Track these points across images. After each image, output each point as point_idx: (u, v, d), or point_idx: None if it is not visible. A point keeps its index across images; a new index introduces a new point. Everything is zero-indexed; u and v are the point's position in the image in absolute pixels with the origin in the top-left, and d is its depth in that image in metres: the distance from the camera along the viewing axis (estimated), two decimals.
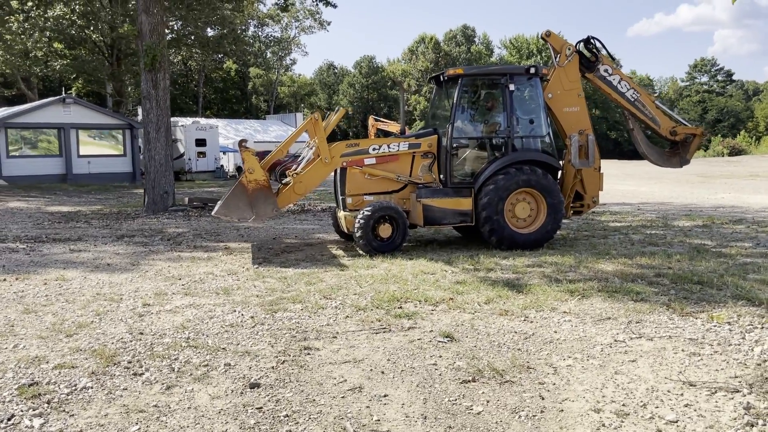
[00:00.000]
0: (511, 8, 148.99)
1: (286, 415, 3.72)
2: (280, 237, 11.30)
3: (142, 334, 5.27)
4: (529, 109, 10.00)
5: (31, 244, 10.41)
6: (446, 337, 5.17)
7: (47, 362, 4.55)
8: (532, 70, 9.72)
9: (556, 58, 10.28)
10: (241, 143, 9.74)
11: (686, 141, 10.86)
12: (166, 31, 24.74)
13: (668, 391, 4.04)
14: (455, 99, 9.48)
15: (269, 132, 49.40)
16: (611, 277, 7.37)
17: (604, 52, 10.67)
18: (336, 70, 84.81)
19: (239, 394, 4.03)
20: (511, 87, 9.48)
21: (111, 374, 4.33)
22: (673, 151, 11.08)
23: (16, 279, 7.52)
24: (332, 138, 10.33)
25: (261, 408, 3.82)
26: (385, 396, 4.02)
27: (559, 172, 10.07)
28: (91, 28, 31.35)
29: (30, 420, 3.61)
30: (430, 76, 10.86)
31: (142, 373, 4.36)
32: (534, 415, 3.74)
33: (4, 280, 7.46)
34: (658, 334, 5.21)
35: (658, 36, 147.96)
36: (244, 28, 43.90)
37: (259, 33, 64.88)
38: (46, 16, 29.44)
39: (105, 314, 5.91)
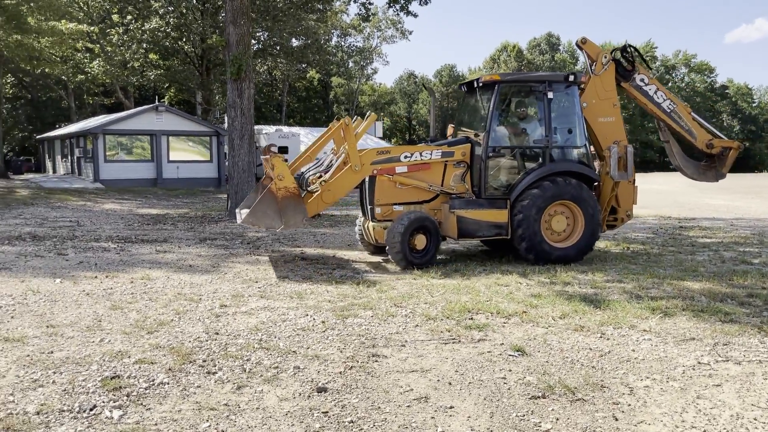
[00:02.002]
0: (598, 15, 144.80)
1: (351, 421, 3.73)
2: (354, 244, 11.41)
3: (217, 334, 5.44)
4: (566, 119, 9.62)
5: (121, 244, 10.99)
6: (517, 350, 5.04)
7: (129, 357, 4.77)
8: (571, 78, 9.38)
9: (591, 66, 9.91)
10: (269, 148, 9.35)
11: (722, 154, 10.44)
12: (252, 41, 25.65)
13: (755, 419, 3.77)
14: (491, 106, 9.06)
15: None
16: (698, 295, 6.98)
17: (640, 60, 10.27)
18: (416, 80, 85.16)
19: (306, 398, 4.08)
20: (550, 95, 9.11)
21: (186, 372, 4.49)
22: (709, 165, 10.67)
23: (106, 277, 7.95)
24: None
25: (327, 412, 3.85)
26: (451, 407, 3.96)
27: (594, 185, 9.61)
28: (184, 40, 32.93)
29: (110, 411, 3.79)
30: (460, 82, 10.52)
31: (215, 372, 4.49)
32: None
33: (96, 277, 7.90)
34: (747, 358, 4.88)
35: (759, 42, 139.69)
36: (327, 38, 44.89)
37: (342, 43, 66.09)
38: (143, 28, 31.21)
39: (184, 313, 6.14)
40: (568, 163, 9.36)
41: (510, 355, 4.95)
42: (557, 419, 3.79)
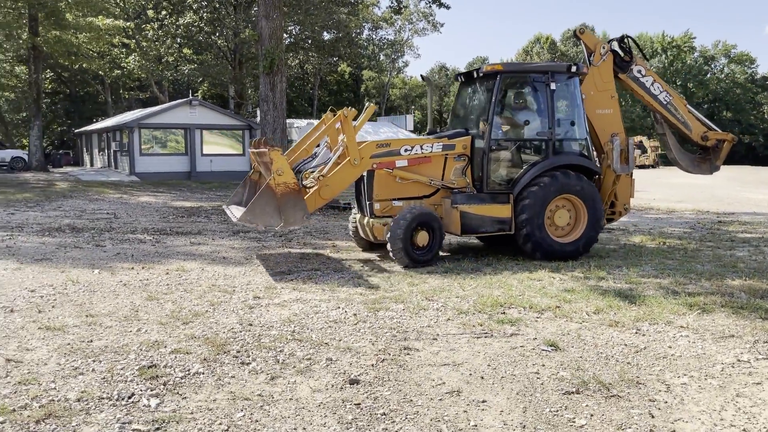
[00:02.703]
0: (634, 6, 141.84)
1: (383, 413, 3.74)
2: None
3: (251, 325, 5.51)
4: (569, 110, 9.35)
5: (156, 236, 11.18)
6: (550, 345, 5.00)
7: (165, 347, 4.86)
8: (573, 69, 9.11)
9: (589, 57, 9.69)
10: (266, 141, 8.75)
11: (717, 147, 10.35)
12: (285, 35, 25.79)
13: None
14: (494, 97, 8.74)
15: (380, 133, 49.99)
16: (737, 291, 6.82)
17: (637, 51, 10.04)
18: (448, 72, 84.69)
19: (339, 389, 4.10)
20: (552, 86, 8.85)
21: (221, 362, 4.56)
22: (704, 157, 10.59)
23: (143, 268, 8.10)
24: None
25: (359, 404, 3.87)
26: (483, 402, 3.94)
27: (594, 178, 9.39)
28: (217, 34, 33.30)
29: (148, 399, 3.87)
30: (457, 73, 10.16)
31: (249, 363, 4.55)
32: None
33: (132, 268, 8.06)
34: None
35: None
36: (358, 31, 44.93)
37: (373, 36, 66.04)
38: (177, 23, 31.64)
39: (218, 305, 6.23)
40: (571, 156, 9.13)
41: (543, 350, 4.90)
42: (592, 415, 3.75)
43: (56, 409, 3.67)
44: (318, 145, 9.29)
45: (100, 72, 39.82)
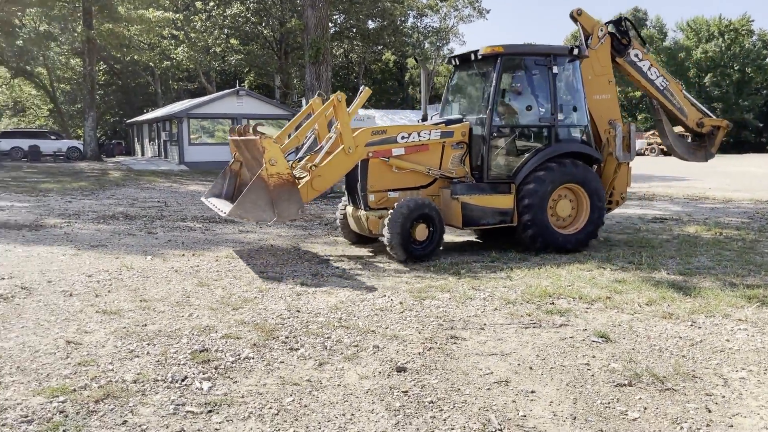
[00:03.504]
0: None
1: (431, 402, 3.74)
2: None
3: (299, 311, 5.57)
4: (571, 95, 8.91)
5: (206, 224, 11.41)
6: (601, 337, 4.90)
7: (216, 332, 4.96)
8: (575, 51, 8.67)
9: (587, 40, 9.25)
10: (255, 128, 8.01)
11: (712, 134, 9.97)
12: (330, 24, 25.85)
13: None
14: (494, 81, 8.24)
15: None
16: None
17: (635, 35, 9.60)
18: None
19: (386, 376, 4.11)
20: (555, 69, 8.44)
21: (270, 347, 4.63)
22: (699, 144, 10.22)
23: (193, 255, 8.28)
24: None
25: (407, 392, 3.87)
26: (532, 392, 3.90)
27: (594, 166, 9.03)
28: (263, 24, 33.65)
29: (200, 383, 3.96)
30: (450, 56, 9.45)
31: (298, 349, 4.61)
32: (698, 429, 3.43)
33: (183, 255, 8.25)
34: None
35: None
36: (403, 19, 44.65)
37: (418, 24, 65.63)
38: (224, 14, 32.08)
39: (267, 291, 6.32)
40: (573, 143, 8.74)
41: (593, 342, 4.81)
42: (645, 408, 3.66)
43: (114, 390, 3.79)
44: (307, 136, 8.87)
45: (151, 63, 40.79)
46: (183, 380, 3.99)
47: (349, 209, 8.85)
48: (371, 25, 37.96)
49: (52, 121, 55.76)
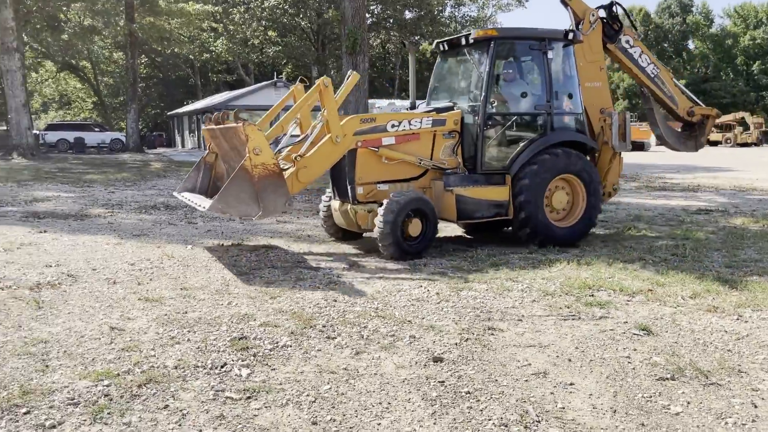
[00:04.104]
0: None
1: (468, 392, 3.72)
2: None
3: (335, 301, 5.61)
4: (566, 82, 8.46)
5: None
6: (642, 330, 4.80)
7: (254, 320, 5.03)
8: (570, 36, 8.21)
9: (578, 25, 8.84)
10: (236, 115, 7.45)
11: (702, 123, 9.63)
12: (367, 15, 25.81)
13: None
14: (487, 67, 7.83)
15: None
16: None
17: (626, 20, 9.18)
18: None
19: (423, 366, 4.11)
20: (550, 54, 8.03)
21: (307, 336, 4.67)
22: (689, 134, 9.86)
23: (232, 245, 8.40)
24: None
25: (443, 382, 3.86)
26: (571, 384, 3.84)
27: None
28: (301, 16, 33.81)
29: (239, 369, 4.02)
30: (438, 41, 8.94)
31: (335, 338, 4.64)
32: (744, 424, 3.33)
33: (222, 245, 8.38)
34: None
35: None
36: (440, 9, 44.34)
37: (456, 13, 65.05)
38: (262, 6, 32.33)
39: (304, 280, 6.37)
40: (569, 132, 8.36)
41: (634, 334, 4.72)
42: (688, 403, 3.58)
43: (156, 375, 3.87)
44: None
45: (190, 56, 41.44)
46: (222, 367, 4.05)
47: (335, 203, 8.33)
48: (408, 15, 37.79)
49: (96, 113, 57.22)
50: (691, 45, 74.51)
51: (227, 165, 8.08)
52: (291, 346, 4.44)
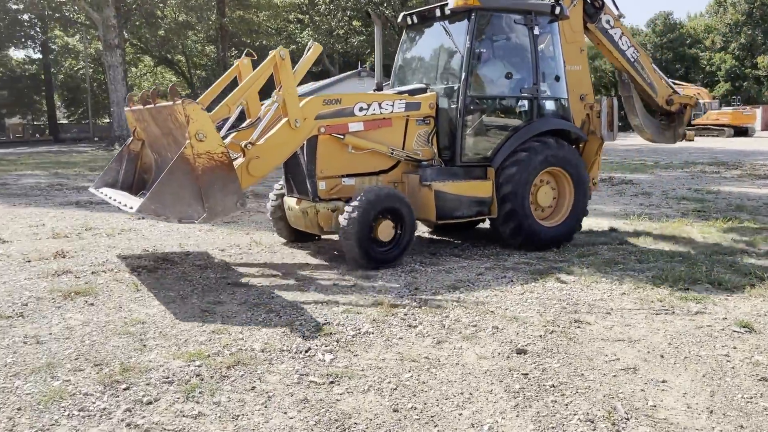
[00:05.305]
0: None
1: (552, 386, 3.62)
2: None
3: (417, 289, 5.60)
4: (552, 63, 7.52)
5: None
6: (743, 327, 4.51)
7: (338, 306, 5.11)
8: (557, 11, 7.33)
9: (557, 1, 7.78)
10: (173, 91, 5.87)
11: (681, 112, 8.73)
12: None
13: None
14: (468, 42, 6.84)
15: None
16: None
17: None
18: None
19: (506, 358, 4.04)
20: (536, 30, 7.13)
21: (389, 323, 4.69)
22: (667, 124, 8.91)
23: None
24: None
25: (527, 374, 3.78)
26: (663, 381, 3.67)
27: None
28: (384, 5, 33.85)
29: (322, 354, 4.10)
30: (406, 13, 7.89)
31: (416, 326, 4.64)
32: None
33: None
34: None
35: None
36: None
37: None
38: None
39: (385, 269, 6.40)
40: (557, 120, 7.46)
41: (734, 332, 4.44)
42: None
43: (244, 357, 4.01)
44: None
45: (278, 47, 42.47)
46: (306, 351, 4.14)
47: (289, 200, 7.19)
48: None
49: None
50: None
51: (157, 155, 6.89)
52: (373, 333, 4.48)
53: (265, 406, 3.39)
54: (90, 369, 3.82)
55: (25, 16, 44.31)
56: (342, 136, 6.60)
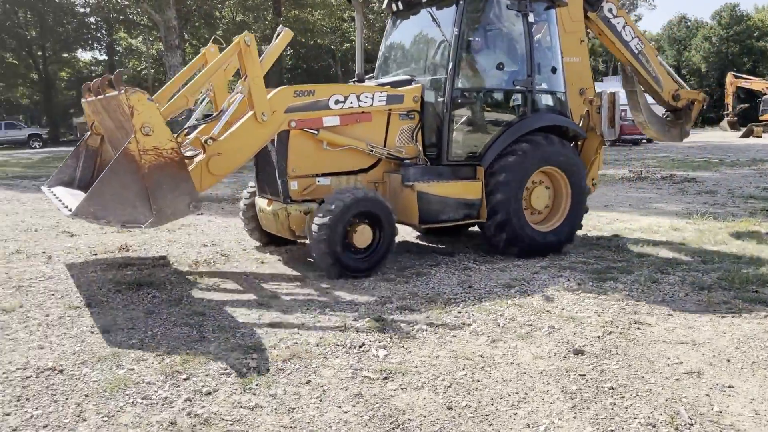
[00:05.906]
0: None
1: (611, 388, 3.53)
2: (612, 205, 10.73)
3: (471, 287, 5.56)
4: (549, 53, 7.03)
5: None
6: None
7: (391, 302, 5.11)
8: None
9: None
10: (118, 77, 5.21)
11: (688, 108, 8.10)
12: None
13: None
14: (457, 30, 6.33)
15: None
16: None
17: None
18: (689, 23, 76.08)
19: (562, 358, 3.96)
20: (531, 18, 6.61)
21: (443, 321, 4.67)
22: (673, 121, 8.26)
23: None
24: None
25: (584, 375, 3.70)
26: (729, 387, 3.53)
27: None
28: None
29: (376, 350, 4.11)
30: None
31: (470, 324, 4.60)
32: None
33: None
34: None
35: None
36: None
37: None
38: None
39: (439, 266, 6.38)
40: (552, 115, 6.96)
41: None
42: None
43: (299, 351, 4.07)
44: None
45: (332, 46, 42.84)
46: (361, 347, 4.17)
47: (260, 201, 6.74)
48: None
49: None
50: None
51: (115, 150, 6.11)
52: (426, 330, 4.47)
53: (320, 400, 3.42)
54: (152, 359, 3.95)
55: (92, 19, 46.14)
56: (315, 132, 6.10)
